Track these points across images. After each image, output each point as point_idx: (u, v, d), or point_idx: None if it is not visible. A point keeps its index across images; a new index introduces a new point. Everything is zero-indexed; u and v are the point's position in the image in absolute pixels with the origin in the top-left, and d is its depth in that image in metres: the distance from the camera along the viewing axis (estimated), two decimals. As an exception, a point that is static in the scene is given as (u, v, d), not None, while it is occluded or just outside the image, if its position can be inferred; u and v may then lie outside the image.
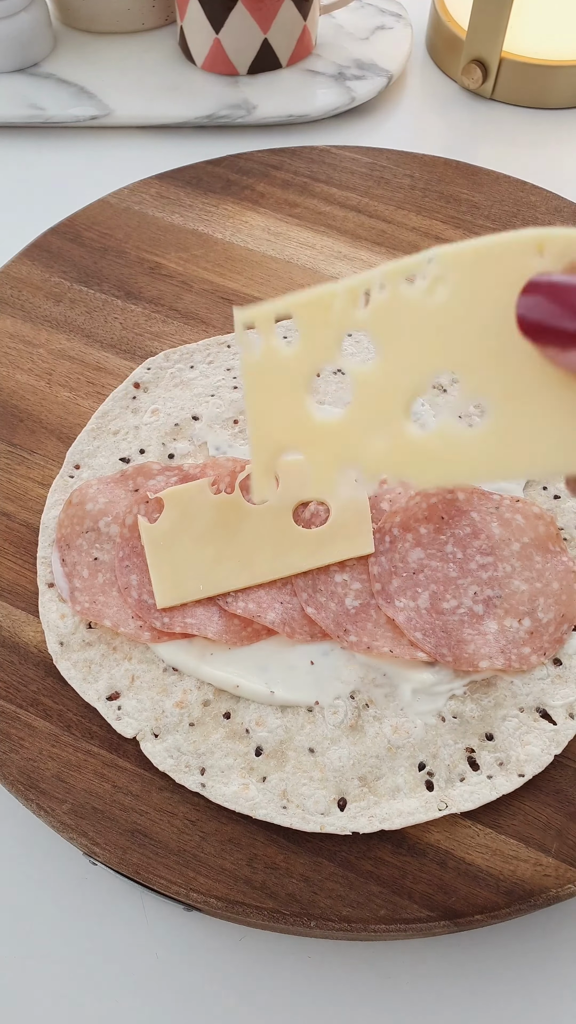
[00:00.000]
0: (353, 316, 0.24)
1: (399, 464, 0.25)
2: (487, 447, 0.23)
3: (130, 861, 0.34)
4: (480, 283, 0.22)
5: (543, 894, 0.33)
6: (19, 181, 0.65)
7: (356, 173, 0.60)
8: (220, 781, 0.35)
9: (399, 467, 0.25)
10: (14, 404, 0.47)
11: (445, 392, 0.47)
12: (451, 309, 0.22)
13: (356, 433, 0.25)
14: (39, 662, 0.39)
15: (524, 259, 0.21)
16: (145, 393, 0.47)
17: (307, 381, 0.26)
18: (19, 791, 0.35)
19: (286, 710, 0.37)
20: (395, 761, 0.36)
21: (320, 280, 0.53)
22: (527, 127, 0.70)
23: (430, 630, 0.38)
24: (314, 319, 0.25)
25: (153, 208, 0.57)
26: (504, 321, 0.21)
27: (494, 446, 0.23)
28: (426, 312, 0.22)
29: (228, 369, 0.47)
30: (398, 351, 0.23)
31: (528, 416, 0.22)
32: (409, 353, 0.23)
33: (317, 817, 0.34)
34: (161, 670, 0.38)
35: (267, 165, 0.60)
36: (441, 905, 0.33)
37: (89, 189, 0.64)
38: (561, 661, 0.38)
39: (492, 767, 0.36)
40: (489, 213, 0.58)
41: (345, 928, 0.33)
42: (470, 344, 0.22)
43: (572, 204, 0.58)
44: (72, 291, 0.52)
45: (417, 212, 0.58)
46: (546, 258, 0.21)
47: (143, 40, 0.74)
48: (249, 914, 0.33)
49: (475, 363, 0.22)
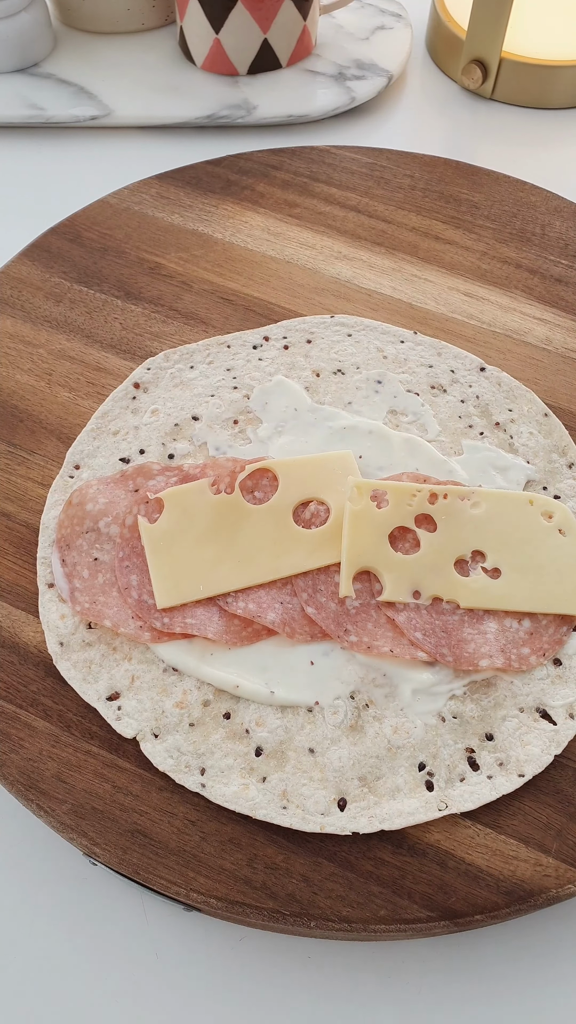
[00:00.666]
0: (426, 505, 0.40)
1: (447, 593, 0.39)
2: (503, 590, 0.39)
3: (130, 861, 0.34)
4: (503, 509, 0.41)
5: (543, 894, 0.33)
6: (19, 181, 0.65)
7: (356, 173, 0.60)
8: (220, 781, 0.35)
9: (447, 595, 0.39)
10: (14, 404, 0.47)
11: (445, 392, 0.47)
12: (484, 517, 0.40)
13: (419, 570, 0.39)
14: (39, 662, 0.39)
15: (531, 511, 0.41)
16: (145, 393, 0.47)
17: (388, 531, 0.40)
18: (19, 791, 0.35)
19: (286, 710, 0.37)
20: (395, 761, 0.36)
21: (320, 280, 0.53)
22: (527, 127, 0.70)
23: (430, 630, 0.38)
24: (402, 498, 0.40)
25: (153, 208, 0.57)
26: (515, 527, 0.40)
27: (506, 590, 0.39)
28: (469, 515, 0.40)
29: (228, 369, 0.47)
30: (451, 531, 0.40)
31: (528, 576, 0.39)
32: (457, 533, 0.40)
33: (317, 817, 0.34)
34: (161, 670, 0.38)
35: (267, 165, 0.60)
36: (441, 905, 0.33)
37: (89, 189, 0.64)
38: (561, 661, 0.38)
39: (492, 767, 0.36)
40: (489, 213, 0.58)
41: (345, 928, 0.33)
42: (494, 536, 0.40)
43: (572, 204, 0.58)
44: (72, 291, 0.52)
45: (417, 212, 0.58)
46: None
47: (143, 40, 0.74)
48: (249, 914, 0.33)
49: (497, 545, 0.40)
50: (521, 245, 0.56)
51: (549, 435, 0.45)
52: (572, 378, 0.49)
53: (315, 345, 0.49)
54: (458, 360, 0.48)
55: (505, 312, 0.52)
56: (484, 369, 0.48)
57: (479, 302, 0.52)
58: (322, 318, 0.50)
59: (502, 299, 0.53)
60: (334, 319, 0.50)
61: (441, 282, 0.54)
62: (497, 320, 0.52)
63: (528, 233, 0.56)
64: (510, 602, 0.39)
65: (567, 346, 0.50)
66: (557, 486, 0.43)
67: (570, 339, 0.51)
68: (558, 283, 0.54)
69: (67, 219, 0.56)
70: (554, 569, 0.39)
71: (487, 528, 0.40)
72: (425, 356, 0.48)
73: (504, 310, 0.52)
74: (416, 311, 0.52)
